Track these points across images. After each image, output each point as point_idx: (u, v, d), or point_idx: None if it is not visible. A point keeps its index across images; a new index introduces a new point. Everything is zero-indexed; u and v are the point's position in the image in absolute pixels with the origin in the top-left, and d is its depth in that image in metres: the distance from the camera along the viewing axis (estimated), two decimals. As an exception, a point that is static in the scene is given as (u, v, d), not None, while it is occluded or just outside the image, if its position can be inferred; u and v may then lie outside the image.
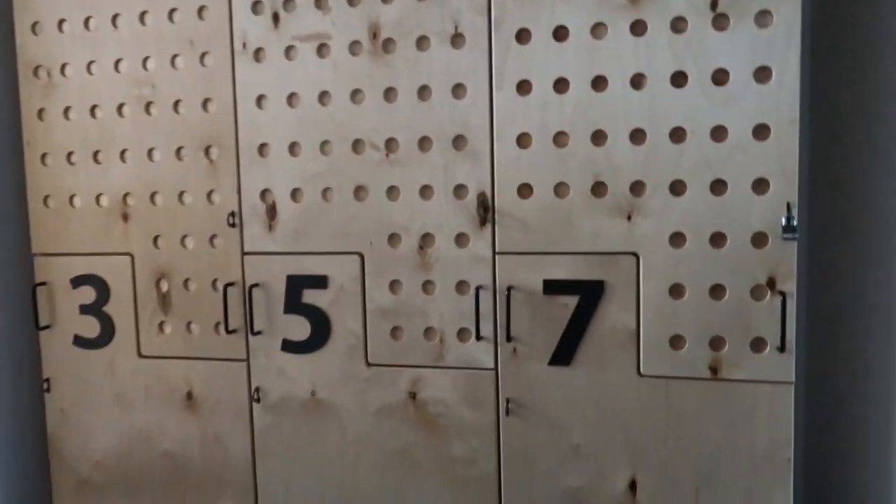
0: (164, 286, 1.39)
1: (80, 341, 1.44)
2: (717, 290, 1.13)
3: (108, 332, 1.42)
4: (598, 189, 1.17)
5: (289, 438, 1.35)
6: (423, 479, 1.29)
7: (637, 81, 1.13)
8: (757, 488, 1.14)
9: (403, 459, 1.29)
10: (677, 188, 1.14)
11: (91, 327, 1.43)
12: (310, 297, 1.31)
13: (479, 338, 1.23)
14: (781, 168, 1.09)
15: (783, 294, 1.10)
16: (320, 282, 1.30)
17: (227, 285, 1.34)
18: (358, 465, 1.32)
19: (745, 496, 1.15)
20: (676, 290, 1.15)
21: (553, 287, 1.20)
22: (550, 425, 1.22)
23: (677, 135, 1.13)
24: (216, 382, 1.38)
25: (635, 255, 1.16)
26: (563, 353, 1.20)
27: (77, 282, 1.43)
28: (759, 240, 1.11)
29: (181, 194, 1.36)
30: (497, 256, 1.22)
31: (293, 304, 1.32)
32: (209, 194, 1.35)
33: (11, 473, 1.50)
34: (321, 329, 1.31)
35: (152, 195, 1.37)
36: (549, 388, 1.21)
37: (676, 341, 1.16)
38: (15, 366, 1.50)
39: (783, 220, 1.09)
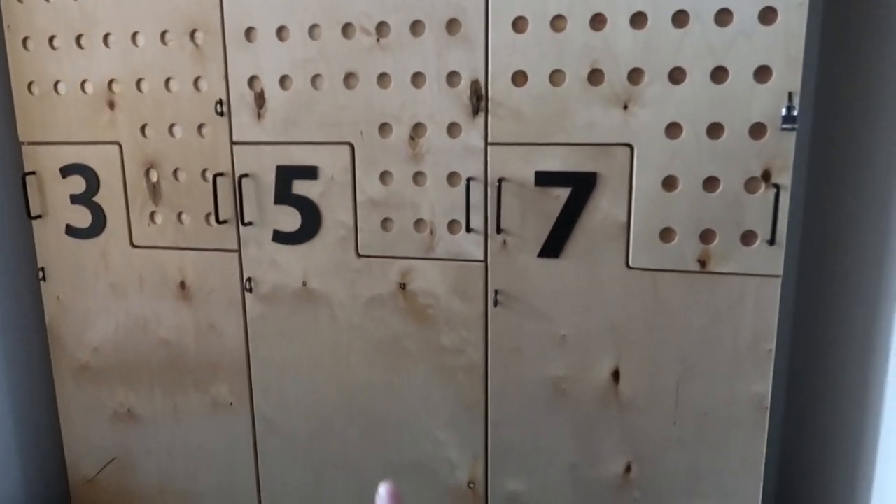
0: (154, 176, 1.37)
1: (72, 231, 1.44)
2: (710, 183, 1.12)
3: (99, 222, 1.42)
4: (595, 77, 1.13)
5: (281, 327, 1.37)
6: (412, 367, 1.31)
7: (640, -40, 1.08)
8: (738, 379, 1.17)
9: (393, 348, 1.32)
10: (676, 76, 1.10)
11: (82, 217, 1.43)
12: (300, 187, 1.30)
13: (469, 230, 1.23)
14: (786, 55, 1.05)
15: (777, 187, 1.08)
16: (310, 172, 1.29)
17: (216, 175, 1.33)
18: (349, 353, 1.34)
19: (725, 386, 1.17)
20: (669, 183, 1.13)
21: (545, 179, 1.18)
22: (537, 316, 1.23)
23: (680, 19, 1.08)
24: (209, 272, 1.39)
25: (630, 146, 1.14)
26: (553, 246, 1.20)
27: (66, 171, 1.42)
28: (757, 131, 1.08)
29: (167, 81, 1.32)
30: (489, 147, 1.20)
31: (283, 194, 1.31)
32: (196, 81, 1.31)
33: (14, 360, 1.54)
34: (312, 220, 1.31)
35: (138, 82, 1.34)
36: (538, 280, 1.22)
37: (667, 234, 1.15)
38: (9, 255, 1.51)
39: (783, 110, 1.06)
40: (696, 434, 1.20)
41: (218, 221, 1.34)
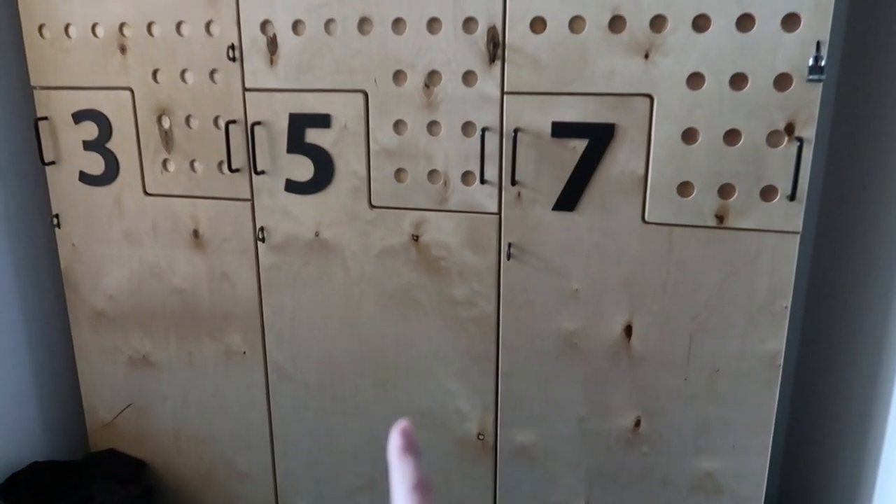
0: (166, 123, 1.36)
1: (85, 178, 1.44)
2: (731, 136, 1.09)
3: (112, 169, 1.42)
4: (616, 24, 1.09)
5: (294, 277, 1.37)
6: (424, 318, 1.32)
7: None
8: (751, 335, 1.16)
9: (405, 300, 1.32)
10: (700, 24, 1.06)
11: (96, 164, 1.43)
12: (313, 136, 1.28)
13: (483, 181, 1.21)
14: (816, 1, 1.01)
15: (801, 140, 1.06)
16: (323, 121, 1.27)
17: (228, 123, 1.31)
18: (361, 303, 1.35)
19: (739, 343, 1.17)
20: (689, 135, 1.11)
21: (562, 130, 1.16)
22: (550, 270, 1.22)
23: (706, -37, 1.04)
24: (221, 221, 1.38)
25: (650, 96, 1.11)
26: (568, 199, 1.18)
27: (78, 117, 1.41)
28: (782, 82, 1.05)
29: (179, 25, 1.30)
30: (506, 97, 1.17)
31: (296, 143, 1.30)
32: (208, 25, 1.28)
33: (31, 307, 1.56)
34: (325, 169, 1.29)
35: (149, 25, 1.32)
36: (552, 233, 1.21)
37: (684, 188, 1.13)
38: (24, 201, 1.52)
39: (810, 60, 1.03)
40: (706, 390, 1.20)
41: (230, 170, 1.34)
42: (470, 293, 1.28)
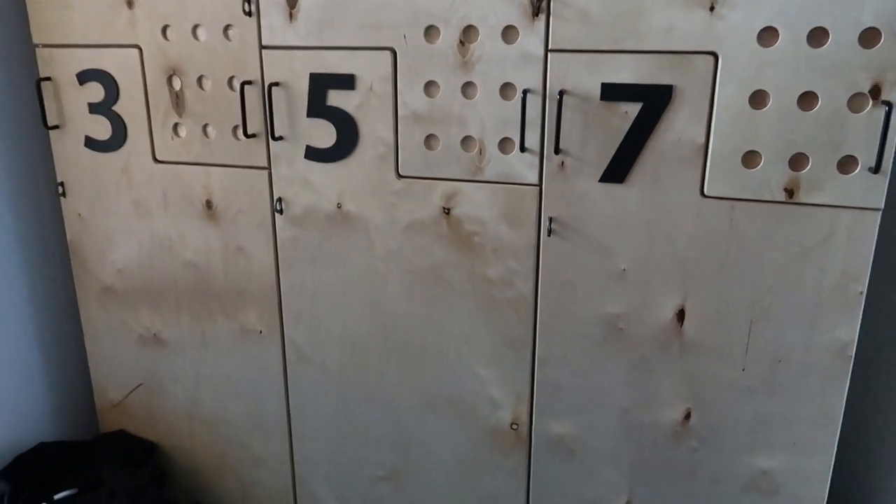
0: (177, 84, 1.26)
1: (91, 143, 1.35)
2: (806, 99, 0.97)
3: (120, 134, 1.32)
4: (678, -29, 0.97)
5: (313, 252, 1.27)
6: (454, 299, 1.22)
7: None
8: (819, 323, 1.05)
9: (434, 278, 1.22)
10: (777, -30, 0.94)
11: (102, 128, 1.33)
12: (335, 98, 1.17)
13: (523, 149, 1.10)
14: (914, -57, 0.88)
15: (888, 105, 0.93)
16: (347, 82, 1.16)
17: (244, 83, 1.21)
18: (386, 282, 1.25)
19: (805, 331, 1.06)
20: (758, 98, 0.99)
21: (613, 92, 1.04)
22: (595, 248, 1.11)
23: None
24: (236, 191, 1.28)
25: (714, 54, 0.99)
26: (618, 169, 1.07)
27: (83, 77, 1.31)
28: (868, 37, 0.92)
29: (190, -25, 1.19)
30: (550, 55, 1.05)
31: (317, 106, 1.19)
32: (221, -25, 1.17)
33: (37, 280, 1.47)
34: (348, 135, 1.19)
35: (158, -24, 1.21)
36: (598, 207, 1.10)
37: (750, 158, 1.01)
38: (28, 168, 1.43)
39: (904, 12, 0.90)
40: (766, 382, 1.09)
41: (246, 135, 1.23)
42: (506, 272, 1.17)
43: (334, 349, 1.32)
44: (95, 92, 1.31)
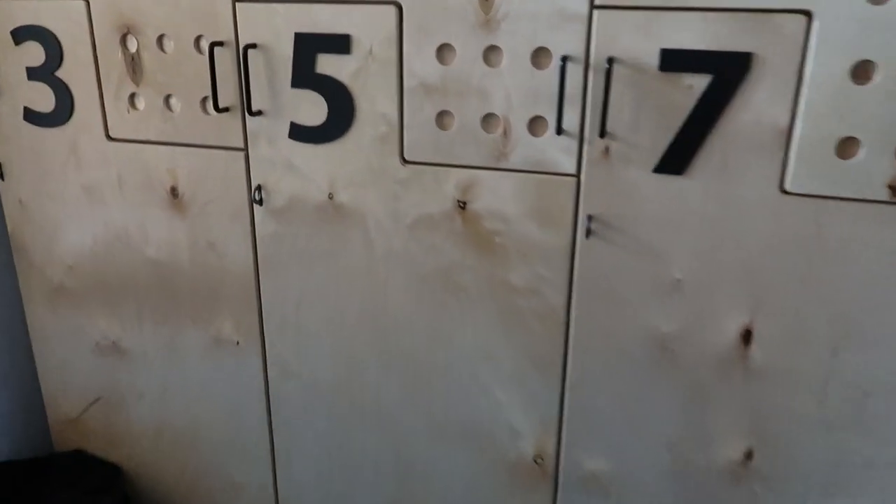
0: (132, 44, 1.03)
1: (32, 116, 1.12)
2: (926, 72, 0.76)
3: (65, 104, 1.10)
4: None
5: (300, 250, 1.06)
6: (468, 307, 1.01)
7: None
8: (919, 348, 0.86)
9: (446, 284, 1.01)
10: None
11: (44, 98, 1.10)
12: (327, 64, 0.96)
13: (560, 131, 0.89)
14: None
15: None
16: (341, 44, 0.94)
17: (213, 45, 0.98)
18: (388, 286, 1.04)
19: (899, 357, 0.87)
20: (861, 71, 0.78)
21: (675, 60, 0.83)
22: (645, 252, 0.91)
23: None
24: (206, 176, 1.07)
25: (807, 13, 0.78)
26: (677, 157, 0.87)
27: (19, 35, 1.08)
28: None
29: None
30: (595, 12, 0.84)
31: (304, 74, 0.97)
32: None
33: (-24, 274, 1.26)
34: (342, 110, 0.97)
35: None
36: (650, 203, 0.89)
37: (847, 146, 0.81)
38: (-40, 145, 1.20)
39: None
40: (849, 417, 0.90)
41: (217, 109, 1.01)
42: (532, 278, 0.97)
43: (325, 363, 1.12)
44: (34, 54, 1.08)
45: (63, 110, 1.10)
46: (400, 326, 1.06)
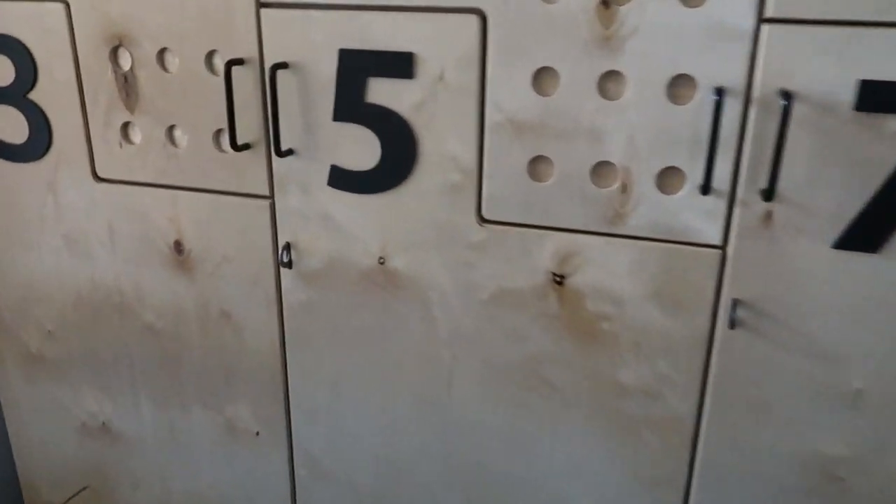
0: (126, 60, 0.80)
1: (1, 149, 0.89)
2: None
3: (41, 134, 0.87)
4: None
5: (338, 325, 0.83)
6: (560, 412, 0.78)
7: None
8: None
9: (531, 379, 0.78)
10: None
11: (15, 127, 0.87)
12: (381, 92, 0.72)
13: (707, 189, 0.65)
14: None
15: None
16: (402, 65, 0.70)
17: (230, 63, 0.75)
18: (452, 378, 0.81)
19: None
20: None
21: (879, 96, 0.59)
22: (813, 351, 0.68)
23: None
24: (219, 229, 0.84)
25: None
26: (869, 229, 0.63)
27: (-17, 46, 0.85)
28: None
29: None
30: (765, 27, 0.60)
31: (351, 104, 0.73)
32: None
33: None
34: (400, 152, 0.74)
35: None
36: (826, 288, 0.65)
37: None
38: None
39: None
40: None
41: (235, 146, 0.78)
42: (651, 377, 0.74)
43: (366, 464, 0.89)
44: (2, 71, 0.85)
45: (38, 142, 0.87)
46: (466, 428, 0.82)
